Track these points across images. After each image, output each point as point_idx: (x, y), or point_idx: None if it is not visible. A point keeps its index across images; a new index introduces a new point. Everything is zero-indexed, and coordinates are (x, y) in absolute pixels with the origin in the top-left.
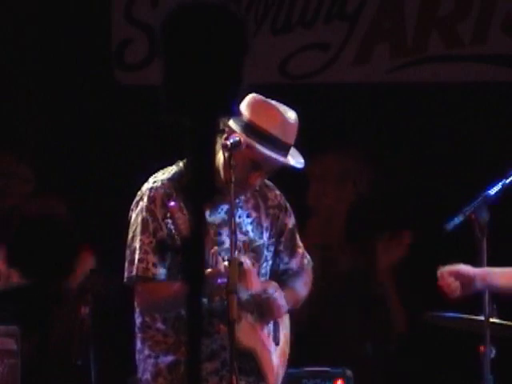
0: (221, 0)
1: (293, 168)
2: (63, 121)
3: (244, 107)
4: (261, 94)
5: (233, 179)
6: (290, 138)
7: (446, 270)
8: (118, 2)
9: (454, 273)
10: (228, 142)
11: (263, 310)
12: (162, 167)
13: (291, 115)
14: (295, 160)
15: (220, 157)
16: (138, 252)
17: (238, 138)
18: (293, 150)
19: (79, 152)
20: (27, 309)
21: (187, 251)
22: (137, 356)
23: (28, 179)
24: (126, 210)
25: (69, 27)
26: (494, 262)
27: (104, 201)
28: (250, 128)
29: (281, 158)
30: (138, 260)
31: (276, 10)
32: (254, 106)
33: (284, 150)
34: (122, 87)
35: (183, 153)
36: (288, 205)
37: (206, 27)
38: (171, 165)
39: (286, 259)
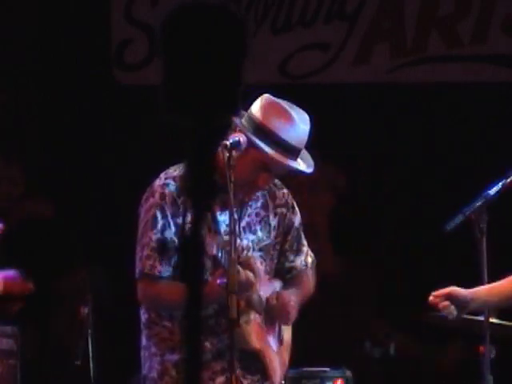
0: (221, 0)
1: (302, 172)
2: (63, 121)
3: (256, 108)
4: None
5: (232, 179)
6: (301, 142)
7: (438, 293)
8: (118, 2)
9: (447, 295)
10: (227, 142)
11: (275, 312)
12: (162, 167)
13: (303, 119)
14: (305, 164)
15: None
16: (146, 248)
17: (237, 138)
18: (304, 153)
19: (79, 151)
20: (27, 309)
21: (187, 251)
22: (142, 353)
23: (17, 182)
24: (125, 209)
25: (69, 27)
26: (493, 262)
27: (103, 200)
28: (260, 130)
29: (289, 162)
30: (146, 257)
31: (276, 10)
32: (265, 107)
33: (293, 153)
34: (121, 87)
35: (184, 152)
36: (295, 203)
37: (206, 27)
38: (171, 165)
39: (291, 257)
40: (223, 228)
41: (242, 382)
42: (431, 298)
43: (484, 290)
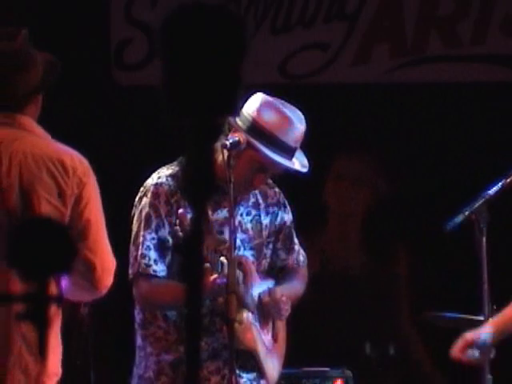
0: (220, 0)
1: (297, 172)
2: (63, 121)
3: (250, 107)
4: None
5: (232, 179)
6: (296, 141)
7: (457, 347)
8: (118, 2)
9: (466, 344)
10: (227, 142)
11: (268, 309)
12: (162, 167)
13: (298, 118)
14: (300, 163)
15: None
16: (140, 248)
17: (237, 138)
18: (298, 153)
19: (79, 151)
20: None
21: (187, 250)
22: (137, 353)
23: None
24: (125, 210)
25: (68, 27)
26: (493, 263)
27: (103, 200)
28: (255, 129)
29: (285, 162)
30: (141, 256)
31: (276, 10)
32: (260, 106)
33: (289, 153)
34: (121, 87)
35: (183, 152)
36: (286, 202)
37: (206, 28)
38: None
39: (283, 256)
40: (215, 228)
41: (238, 380)
42: (453, 354)
43: (499, 322)
